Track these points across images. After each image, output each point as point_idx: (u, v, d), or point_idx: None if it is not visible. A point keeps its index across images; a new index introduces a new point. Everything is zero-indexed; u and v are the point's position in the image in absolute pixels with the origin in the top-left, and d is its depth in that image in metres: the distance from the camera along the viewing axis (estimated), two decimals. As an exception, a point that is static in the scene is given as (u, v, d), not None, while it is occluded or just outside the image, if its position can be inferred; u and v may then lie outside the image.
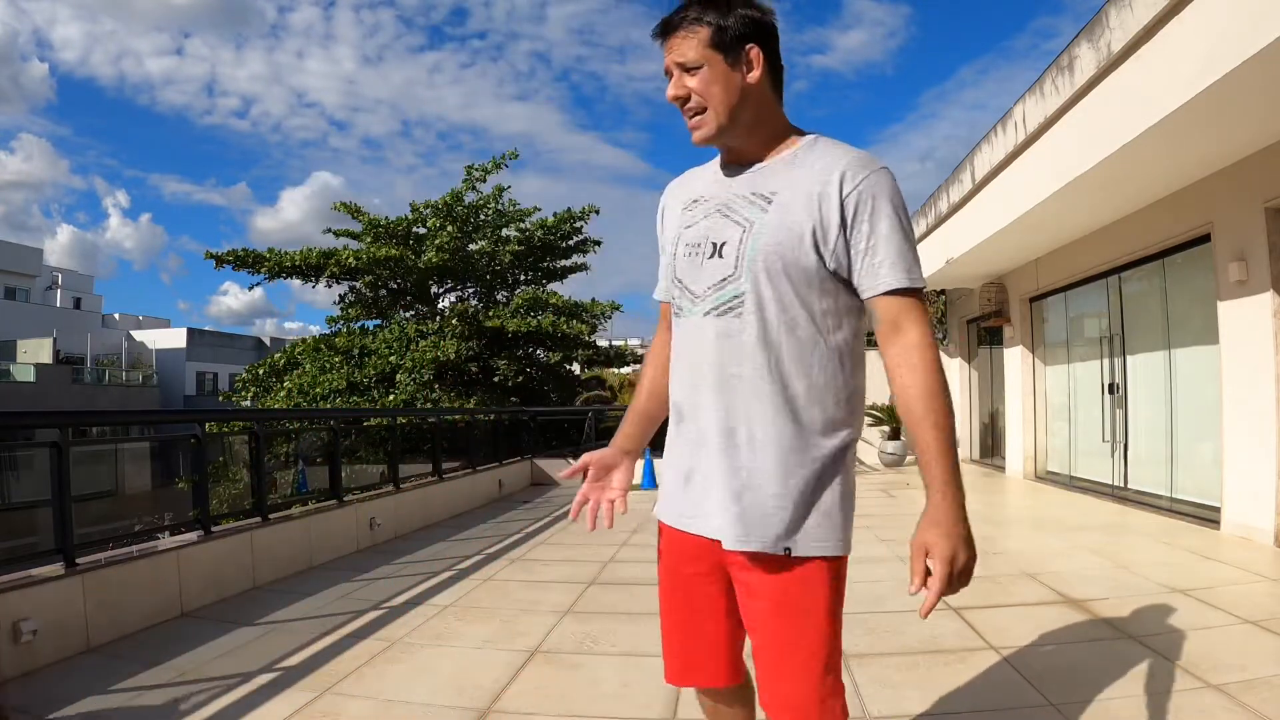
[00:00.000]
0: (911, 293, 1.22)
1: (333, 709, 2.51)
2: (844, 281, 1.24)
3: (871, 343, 1.41)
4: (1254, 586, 3.71)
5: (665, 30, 1.27)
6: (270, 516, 4.60)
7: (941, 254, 8.28)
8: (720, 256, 1.26)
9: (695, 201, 1.35)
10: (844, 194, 1.20)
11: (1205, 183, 5.27)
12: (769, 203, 1.24)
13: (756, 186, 1.27)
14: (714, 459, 1.26)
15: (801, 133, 1.31)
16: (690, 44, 1.24)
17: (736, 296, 1.23)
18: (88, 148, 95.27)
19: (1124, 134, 4.35)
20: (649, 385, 1.48)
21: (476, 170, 15.25)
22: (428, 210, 15.21)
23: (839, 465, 1.26)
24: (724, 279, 1.25)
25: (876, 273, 1.21)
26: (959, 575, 1.14)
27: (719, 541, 1.26)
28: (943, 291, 12.21)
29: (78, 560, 3.25)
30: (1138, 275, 6.73)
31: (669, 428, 1.39)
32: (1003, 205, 6.51)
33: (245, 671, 2.85)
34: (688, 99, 1.26)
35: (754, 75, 1.25)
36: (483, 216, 15.49)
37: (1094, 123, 4.76)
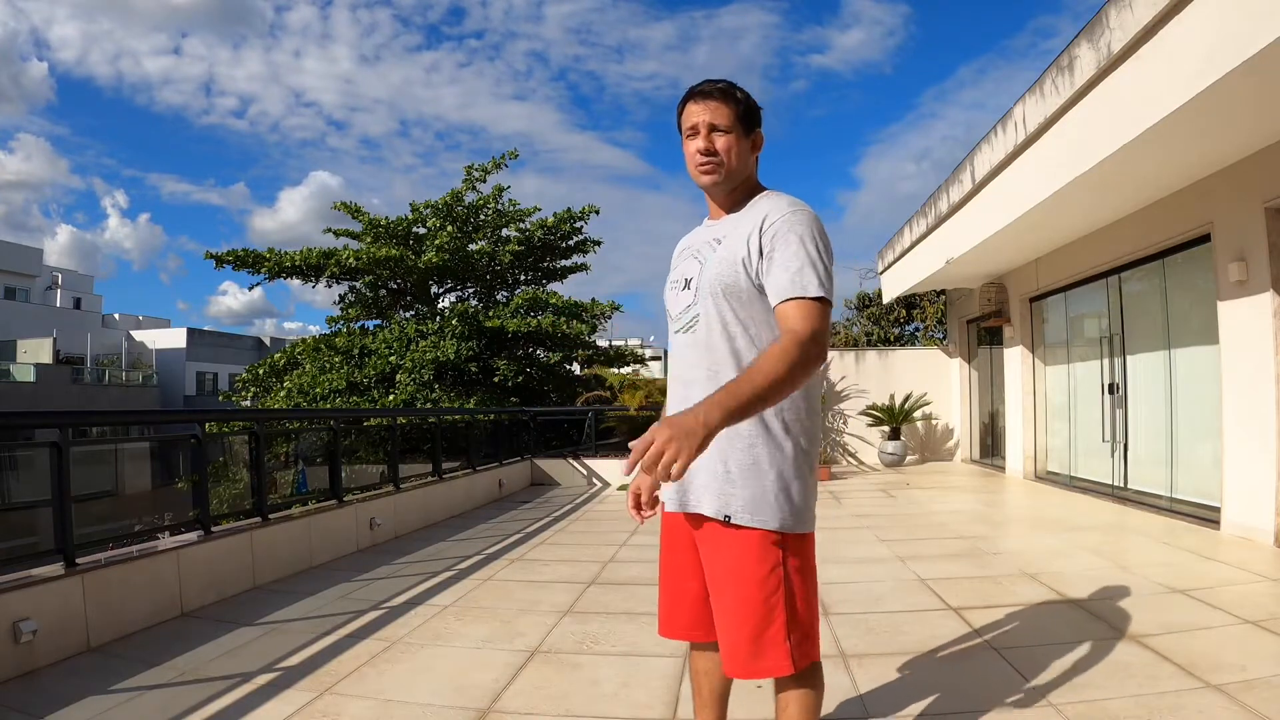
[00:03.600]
0: (797, 301, 1.47)
1: (333, 709, 2.51)
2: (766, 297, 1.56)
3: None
4: (1254, 586, 3.71)
5: (705, 95, 1.59)
6: (270, 516, 4.60)
7: (941, 254, 8.28)
8: (687, 288, 1.64)
9: (684, 250, 1.74)
10: (763, 229, 1.54)
11: (1205, 183, 5.28)
12: (719, 243, 1.61)
13: (715, 234, 1.64)
14: None
15: (763, 188, 1.67)
16: (724, 112, 1.59)
17: (695, 317, 1.61)
18: (86, 147, 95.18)
19: (1124, 134, 4.35)
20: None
21: (476, 170, 15.24)
22: (428, 210, 15.20)
23: (776, 448, 1.55)
24: (688, 305, 1.63)
25: (777, 286, 1.51)
26: (658, 452, 1.24)
27: (694, 516, 1.61)
28: (943, 291, 12.22)
29: (78, 560, 3.25)
30: (1138, 275, 6.73)
31: None
32: (1003, 205, 6.51)
33: (245, 671, 2.85)
34: (714, 153, 1.59)
35: (756, 151, 1.67)
36: (483, 216, 15.48)
37: (1094, 123, 4.76)
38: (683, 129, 1.63)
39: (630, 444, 1.30)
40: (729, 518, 1.54)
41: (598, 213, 15.95)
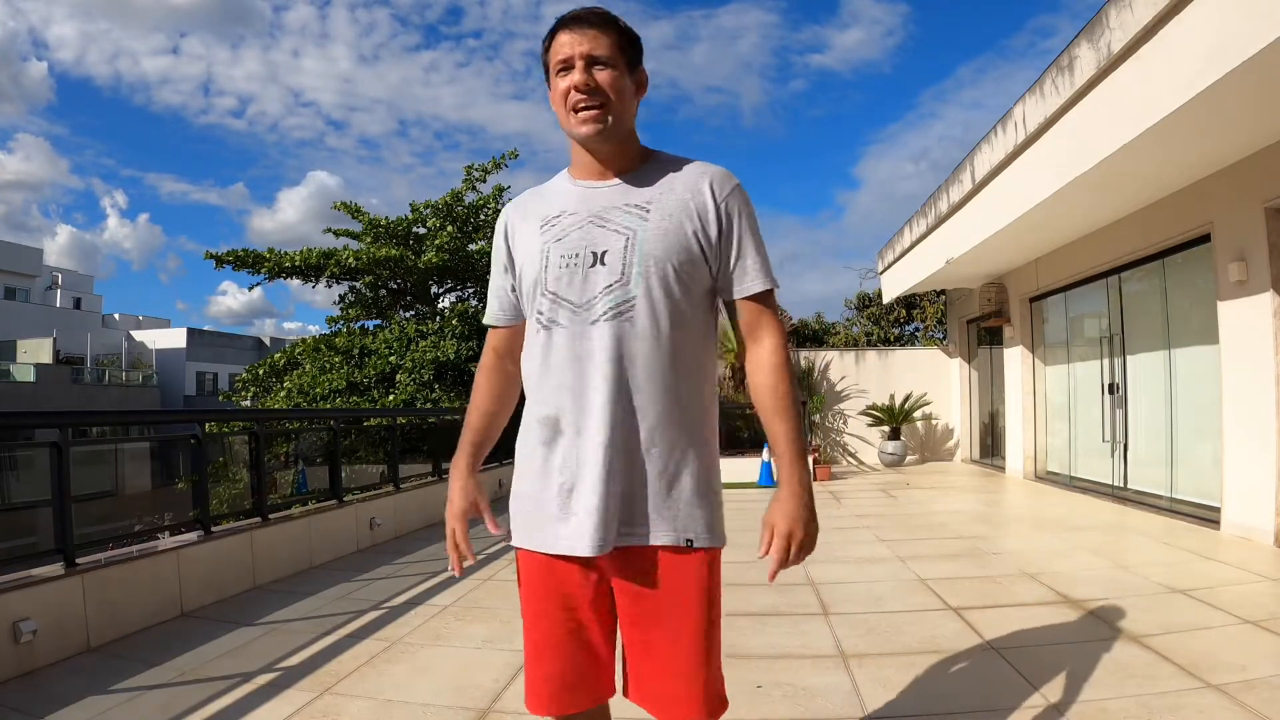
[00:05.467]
0: (770, 295, 1.36)
1: (333, 709, 2.51)
2: (712, 279, 1.36)
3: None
4: (1254, 586, 3.71)
5: (579, 22, 1.31)
6: (270, 516, 4.60)
7: (941, 254, 8.28)
8: (603, 264, 1.30)
9: (557, 216, 1.36)
10: (718, 201, 1.32)
11: (1205, 183, 5.28)
12: (646, 211, 1.31)
13: (629, 198, 1.33)
14: (606, 468, 1.26)
15: (648, 149, 1.40)
16: (604, 42, 1.30)
17: (626, 301, 1.28)
18: (84, 147, 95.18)
19: (1124, 134, 4.35)
20: (491, 407, 1.49)
21: (476, 170, 15.23)
22: (428, 210, 15.19)
23: (715, 457, 1.38)
24: (609, 286, 1.29)
25: (745, 275, 1.34)
26: (799, 548, 1.29)
27: (594, 556, 1.28)
28: (943, 291, 12.22)
29: (78, 560, 3.25)
30: (1138, 275, 6.73)
31: (532, 447, 1.36)
32: (1003, 205, 6.51)
33: (245, 671, 2.85)
34: (594, 89, 1.29)
35: (641, 93, 1.37)
36: (483, 216, 15.47)
37: (1094, 123, 4.76)
38: (551, 67, 1.33)
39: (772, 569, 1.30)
40: (691, 542, 1.31)
41: (598, 213, 15.93)
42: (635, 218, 1.31)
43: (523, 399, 1.43)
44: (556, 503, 1.31)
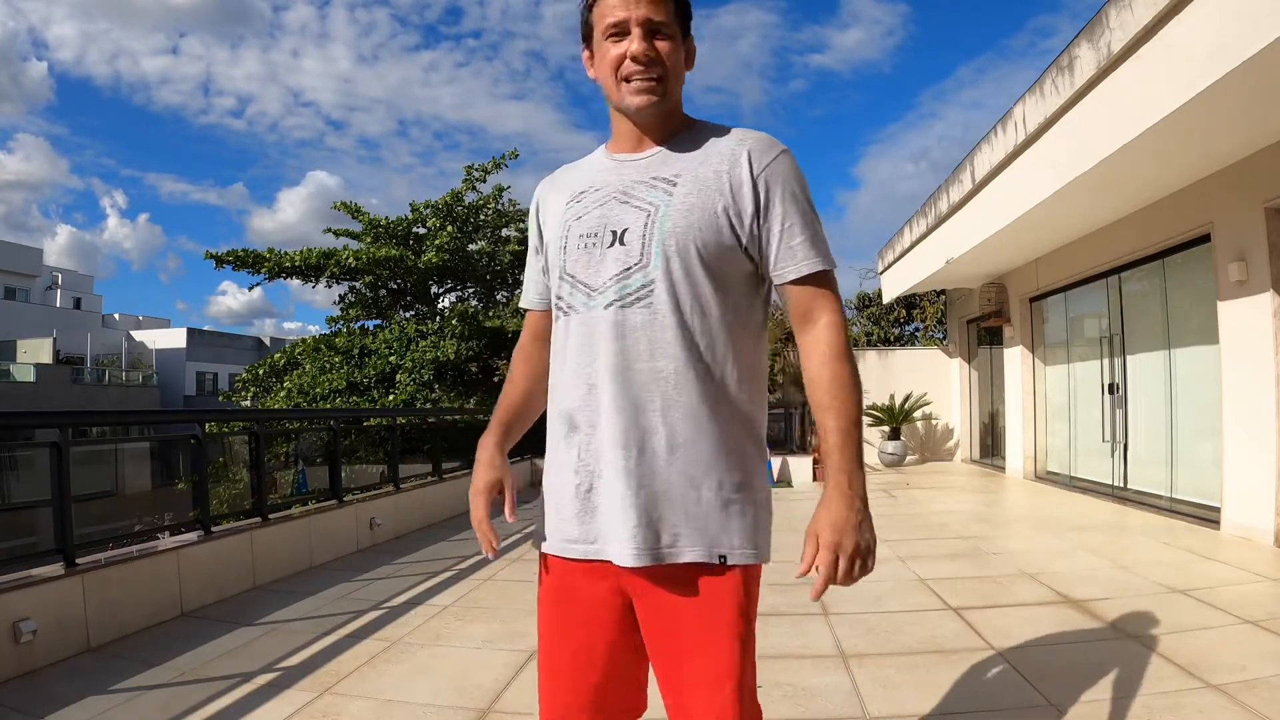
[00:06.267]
0: (825, 276, 1.19)
1: (333, 709, 2.51)
2: (752, 261, 1.19)
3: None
4: (1254, 586, 3.71)
5: None
6: (270, 516, 4.60)
7: (941, 254, 8.28)
8: (622, 244, 1.16)
9: (583, 193, 1.24)
10: (755, 174, 1.16)
11: (1205, 183, 5.28)
12: (673, 185, 1.17)
13: (657, 171, 1.19)
14: (624, 468, 1.14)
15: (691, 119, 1.26)
16: (661, 6, 1.16)
17: (645, 285, 1.14)
18: (84, 147, 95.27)
19: (1124, 134, 4.35)
20: (525, 387, 1.38)
21: (476, 170, 15.24)
22: (428, 210, 15.20)
23: (759, 463, 1.20)
24: (628, 268, 1.15)
25: (794, 255, 1.17)
26: (850, 561, 1.09)
27: (615, 564, 1.15)
28: (943, 291, 12.21)
29: (78, 560, 3.25)
30: (1138, 275, 6.73)
31: (554, 442, 1.25)
32: (1003, 205, 6.51)
33: (245, 671, 2.85)
34: (654, 60, 1.15)
35: (690, 65, 1.24)
36: (483, 216, 15.48)
37: (1094, 123, 4.76)
38: (597, 28, 1.19)
39: (807, 574, 1.08)
40: (724, 558, 1.14)
41: (598, 212, 15.95)
42: (660, 192, 1.17)
43: None
44: (575, 505, 1.20)
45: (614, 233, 1.17)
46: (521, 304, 1.40)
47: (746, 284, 1.19)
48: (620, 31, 1.16)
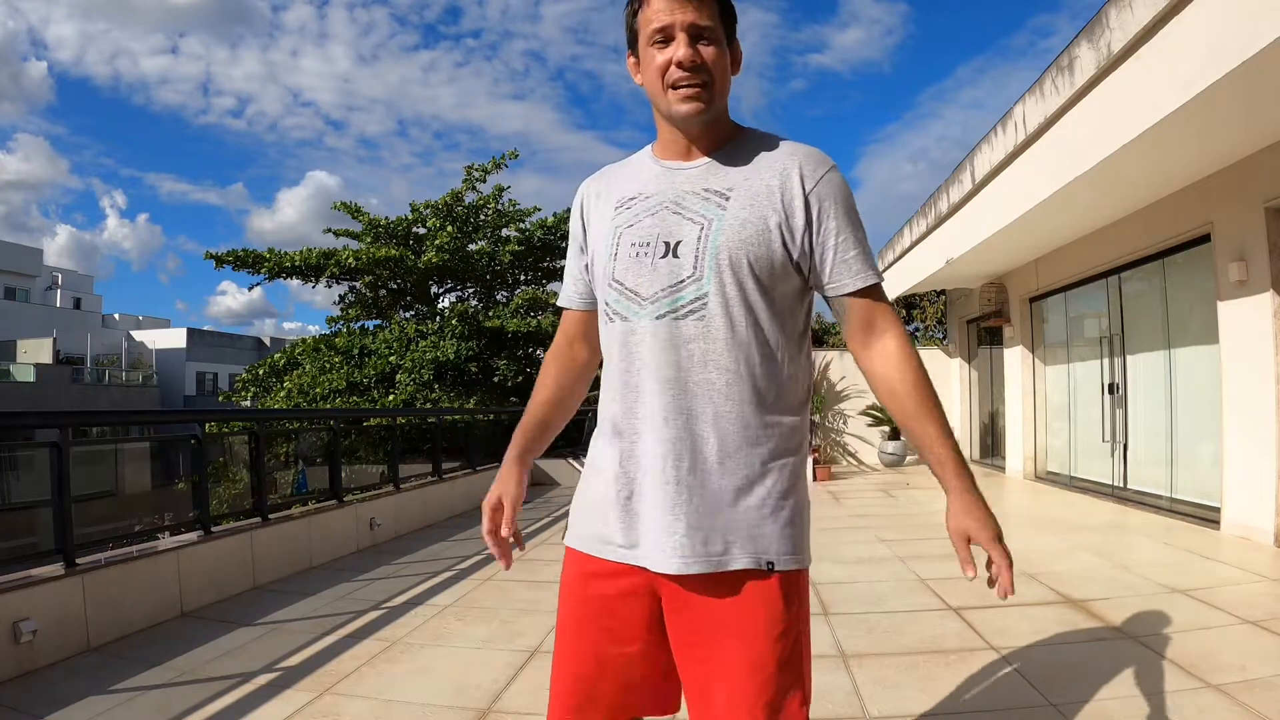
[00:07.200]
0: (880, 289, 1.22)
1: (333, 709, 2.51)
2: (800, 274, 1.20)
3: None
4: (1254, 586, 3.71)
5: None
6: (270, 516, 4.60)
7: (941, 254, 8.28)
8: (675, 256, 1.17)
9: (633, 199, 1.23)
10: (807, 190, 1.17)
11: (1205, 183, 5.27)
12: (725, 199, 1.17)
13: (708, 183, 1.19)
14: (674, 477, 1.15)
15: (739, 125, 1.26)
16: (706, 10, 1.14)
17: (698, 298, 1.15)
18: (84, 147, 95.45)
19: (1124, 134, 4.35)
20: (552, 395, 1.38)
21: (476, 170, 15.24)
22: (427, 210, 15.20)
23: (802, 469, 1.23)
24: (681, 280, 1.16)
25: (850, 269, 1.18)
26: (1004, 564, 1.17)
27: (653, 571, 1.16)
28: (943, 291, 12.22)
29: (78, 560, 3.25)
30: (1138, 275, 6.73)
31: (600, 445, 1.26)
32: (1002, 205, 6.51)
33: (245, 671, 2.85)
34: (699, 66, 1.14)
35: (737, 70, 1.23)
36: (482, 216, 15.48)
37: (1094, 123, 4.76)
38: (642, 34, 1.18)
39: (976, 568, 1.16)
40: (772, 565, 1.15)
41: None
42: (714, 205, 1.17)
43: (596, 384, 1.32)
44: (617, 509, 1.19)
45: (667, 244, 1.18)
46: (560, 302, 1.40)
47: (794, 295, 1.21)
48: (665, 37, 1.15)
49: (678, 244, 1.17)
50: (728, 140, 1.23)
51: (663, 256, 1.17)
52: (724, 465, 1.15)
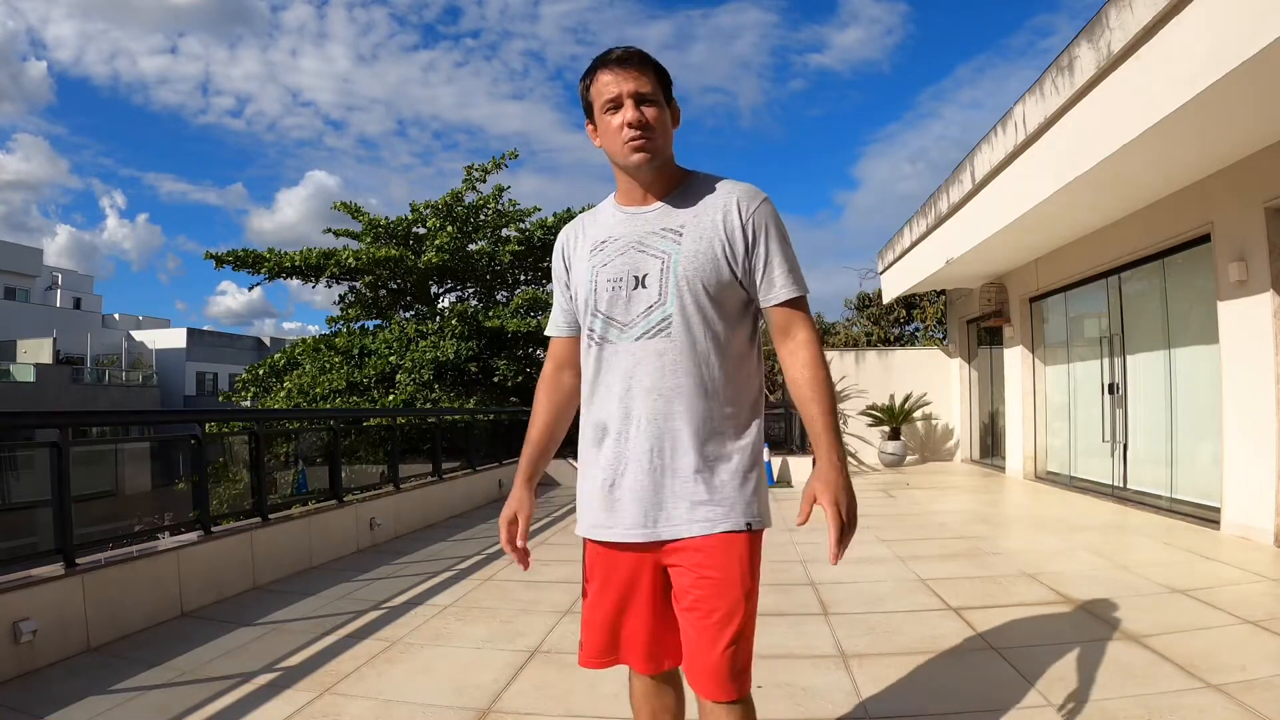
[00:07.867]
0: (801, 300, 1.48)
1: (333, 709, 2.51)
2: (744, 289, 1.47)
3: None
4: (1254, 586, 3.71)
5: (622, 62, 1.43)
6: (270, 516, 4.60)
7: (941, 254, 8.28)
8: (644, 287, 1.45)
9: (604, 243, 1.51)
10: (744, 220, 1.44)
11: (1205, 183, 5.28)
12: (680, 235, 1.45)
13: (665, 223, 1.47)
14: (650, 462, 1.43)
15: (684, 170, 1.52)
16: (645, 80, 1.43)
17: (665, 319, 1.43)
18: (83, 147, 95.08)
19: (1124, 134, 4.35)
20: (548, 420, 1.66)
21: (476, 170, 15.23)
22: (427, 210, 15.19)
23: (760, 449, 1.50)
24: (650, 306, 1.44)
25: (773, 286, 1.45)
26: (848, 513, 1.38)
27: (650, 543, 1.45)
28: (943, 291, 12.21)
29: (78, 560, 3.25)
30: (1138, 275, 6.73)
31: (586, 448, 1.53)
32: (1002, 205, 6.51)
33: (245, 671, 2.85)
34: (645, 124, 1.41)
35: (676, 124, 1.50)
36: (482, 216, 15.47)
37: (1094, 123, 4.76)
38: (596, 105, 1.45)
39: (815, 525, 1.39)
40: (751, 524, 1.43)
41: (598, 214, 15.93)
42: (670, 242, 1.45)
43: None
44: (602, 495, 1.48)
45: (636, 278, 1.46)
46: (549, 331, 1.68)
47: (741, 307, 1.49)
48: (616, 105, 1.42)
49: (645, 276, 1.46)
50: (677, 185, 1.50)
51: (634, 289, 1.46)
52: (705, 448, 1.43)
